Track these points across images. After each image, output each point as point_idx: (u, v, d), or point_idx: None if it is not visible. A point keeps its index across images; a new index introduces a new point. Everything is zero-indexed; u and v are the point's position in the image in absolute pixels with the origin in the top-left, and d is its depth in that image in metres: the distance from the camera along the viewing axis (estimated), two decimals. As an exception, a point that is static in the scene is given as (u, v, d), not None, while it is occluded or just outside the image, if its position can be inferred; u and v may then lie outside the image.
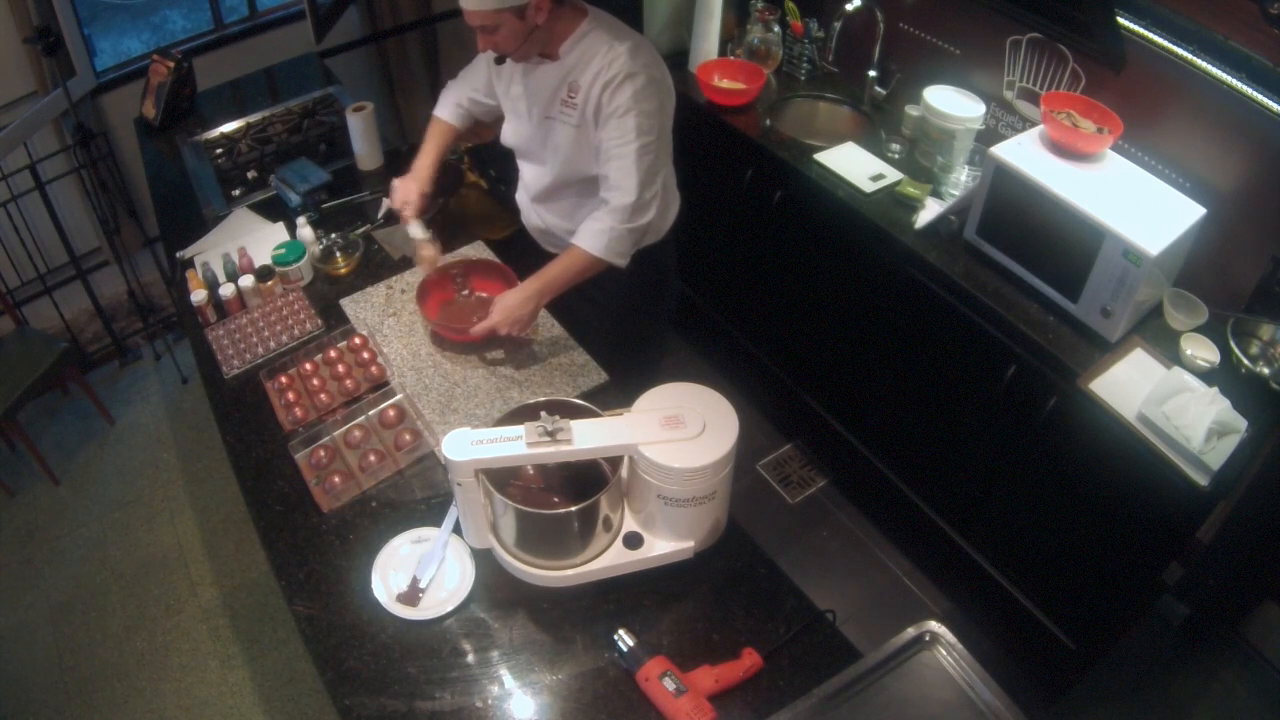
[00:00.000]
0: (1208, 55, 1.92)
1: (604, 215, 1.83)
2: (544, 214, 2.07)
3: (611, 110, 1.76)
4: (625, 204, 1.80)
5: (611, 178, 1.81)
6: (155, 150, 2.69)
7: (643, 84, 1.75)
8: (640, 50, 1.79)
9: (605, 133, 1.78)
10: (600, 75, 1.76)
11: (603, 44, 1.78)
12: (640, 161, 1.78)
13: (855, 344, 2.59)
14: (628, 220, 1.81)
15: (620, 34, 1.80)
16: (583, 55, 1.79)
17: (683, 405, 1.45)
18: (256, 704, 2.41)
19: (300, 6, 3.29)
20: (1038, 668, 2.31)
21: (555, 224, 2.06)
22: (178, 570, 2.74)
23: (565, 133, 1.87)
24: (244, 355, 1.96)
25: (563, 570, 1.46)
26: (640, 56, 1.77)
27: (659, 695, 1.33)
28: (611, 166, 1.80)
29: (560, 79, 1.83)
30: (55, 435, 3.16)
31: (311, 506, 1.66)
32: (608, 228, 1.82)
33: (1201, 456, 1.72)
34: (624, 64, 1.74)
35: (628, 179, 1.78)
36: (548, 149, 1.93)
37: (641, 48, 1.80)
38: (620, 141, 1.77)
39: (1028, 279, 2.08)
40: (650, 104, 1.77)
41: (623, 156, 1.78)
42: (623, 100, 1.74)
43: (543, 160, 1.97)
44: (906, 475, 2.60)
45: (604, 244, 1.82)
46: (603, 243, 1.82)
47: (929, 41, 2.58)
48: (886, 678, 1.31)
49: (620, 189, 1.80)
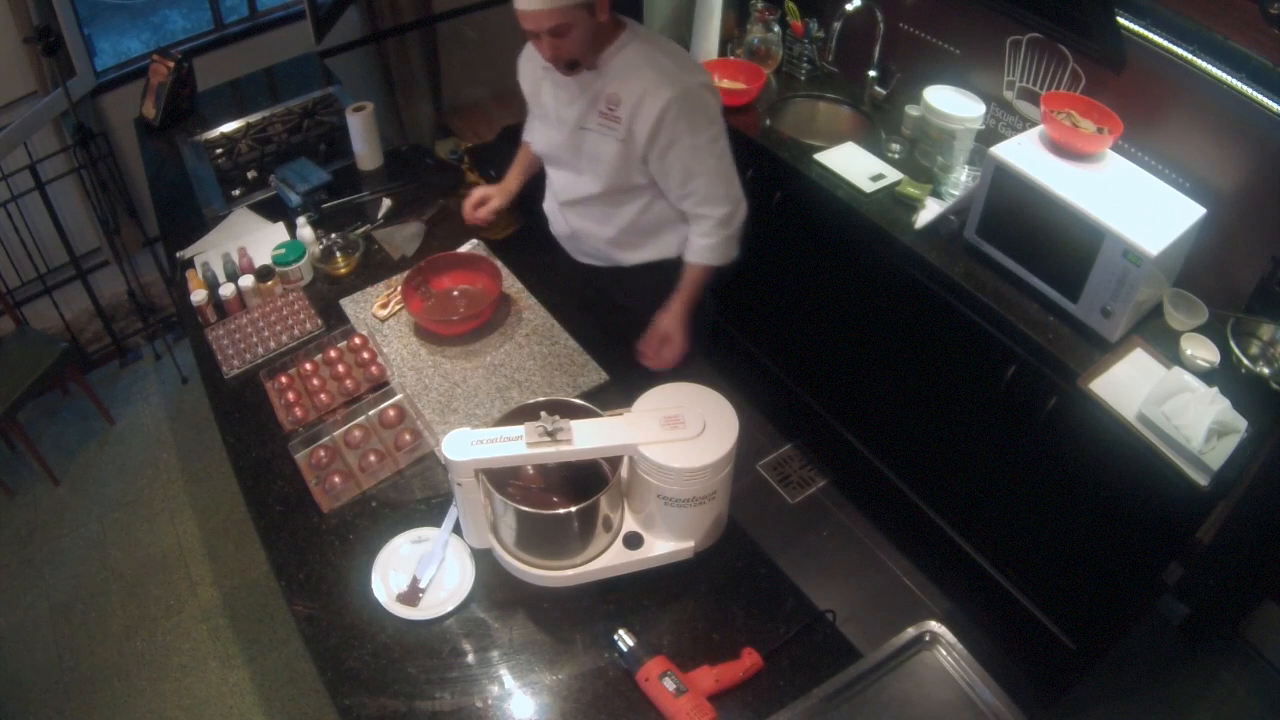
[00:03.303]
0: (1208, 55, 1.92)
1: (710, 229, 1.89)
2: (573, 219, 2.06)
3: (677, 135, 1.77)
4: (723, 212, 1.87)
5: (701, 192, 1.85)
6: (155, 150, 2.69)
7: (697, 96, 1.77)
8: (682, 62, 1.80)
9: (679, 155, 1.80)
10: (650, 98, 1.74)
11: (643, 59, 1.77)
12: (721, 169, 1.84)
13: (855, 344, 2.59)
14: (729, 224, 1.90)
15: (659, 47, 1.80)
16: (622, 68, 1.78)
17: (683, 405, 1.45)
18: (256, 704, 2.41)
19: (300, 6, 3.29)
20: (1038, 668, 2.31)
21: (586, 229, 2.05)
22: (178, 570, 2.74)
23: (608, 146, 1.85)
24: (244, 355, 1.96)
25: (563, 570, 1.46)
26: (684, 65, 1.79)
27: (659, 695, 1.33)
28: (698, 183, 1.84)
29: (598, 89, 1.81)
30: (55, 435, 3.16)
31: (311, 506, 1.66)
32: (719, 240, 1.91)
33: (1201, 456, 1.72)
34: (674, 82, 1.74)
35: (717, 189, 1.85)
36: (583, 158, 1.92)
37: (681, 59, 1.81)
38: (698, 158, 1.80)
39: (1028, 279, 2.08)
40: (710, 110, 1.81)
41: (705, 171, 1.82)
42: (689, 120, 1.76)
43: (577, 169, 1.95)
44: (906, 475, 2.60)
45: (720, 255, 1.93)
46: (718, 255, 1.93)
47: (929, 41, 2.58)
48: (886, 678, 1.31)
49: (713, 200, 1.86)
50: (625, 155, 1.84)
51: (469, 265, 2.10)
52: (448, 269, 2.09)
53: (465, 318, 1.98)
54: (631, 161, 1.85)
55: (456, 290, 2.09)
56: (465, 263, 2.10)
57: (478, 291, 2.07)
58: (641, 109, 1.76)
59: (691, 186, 1.85)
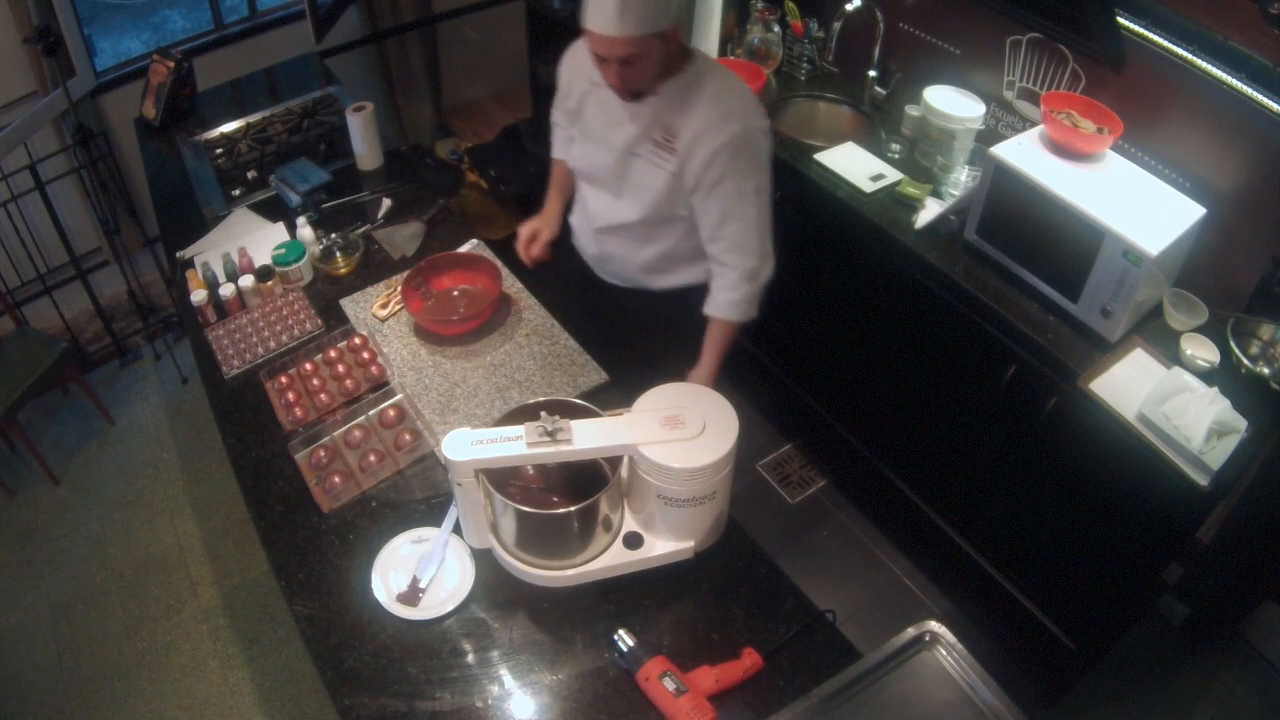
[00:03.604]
0: (1208, 55, 1.92)
1: (735, 281, 1.84)
2: (605, 243, 2.00)
3: (726, 175, 1.73)
4: (751, 265, 1.82)
5: (733, 239, 1.80)
6: (155, 150, 2.69)
7: (755, 141, 1.74)
8: (746, 101, 1.76)
9: (723, 196, 1.76)
10: (709, 134, 1.70)
11: (708, 93, 1.72)
12: (759, 220, 1.80)
13: (855, 344, 2.59)
14: (755, 278, 1.85)
15: (725, 82, 1.75)
16: (684, 99, 1.72)
17: (683, 405, 1.45)
18: (256, 704, 2.41)
19: (300, 6, 3.29)
20: (1038, 668, 2.31)
21: (618, 254, 2.00)
22: (178, 570, 2.74)
23: (657, 176, 1.80)
24: (244, 355, 1.96)
25: (563, 570, 1.46)
26: (748, 106, 1.75)
27: (659, 695, 1.33)
28: (732, 229, 1.79)
29: (652, 117, 1.75)
30: (55, 435, 3.16)
31: (311, 506, 1.66)
32: (744, 295, 1.85)
33: (1201, 456, 1.72)
34: (737, 122, 1.70)
35: (750, 240, 1.80)
36: (627, 184, 1.86)
37: (745, 98, 1.76)
38: (740, 203, 1.76)
39: (1028, 279, 2.08)
40: (762, 157, 1.77)
41: (743, 219, 1.78)
42: (738, 165, 1.72)
43: (617, 193, 1.90)
44: (906, 475, 2.60)
45: (742, 311, 1.87)
46: (741, 310, 1.87)
47: (929, 41, 2.58)
48: (886, 678, 1.31)
49: (743, 250, 1.81)
50: (674, 187, 1.79)
51: (469, 265, 2.10)
52: (448, 269, 2.09)
53: (465, 318, 1.98)
54: (679, 194, 1.81)
55: (456, 290, 2.09)
56: (465, 263, 2.11)
57: (478, 291, 2.07)
58: (699, 144, 1.71)
59: (725, 230, 1.80)
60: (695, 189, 1.77)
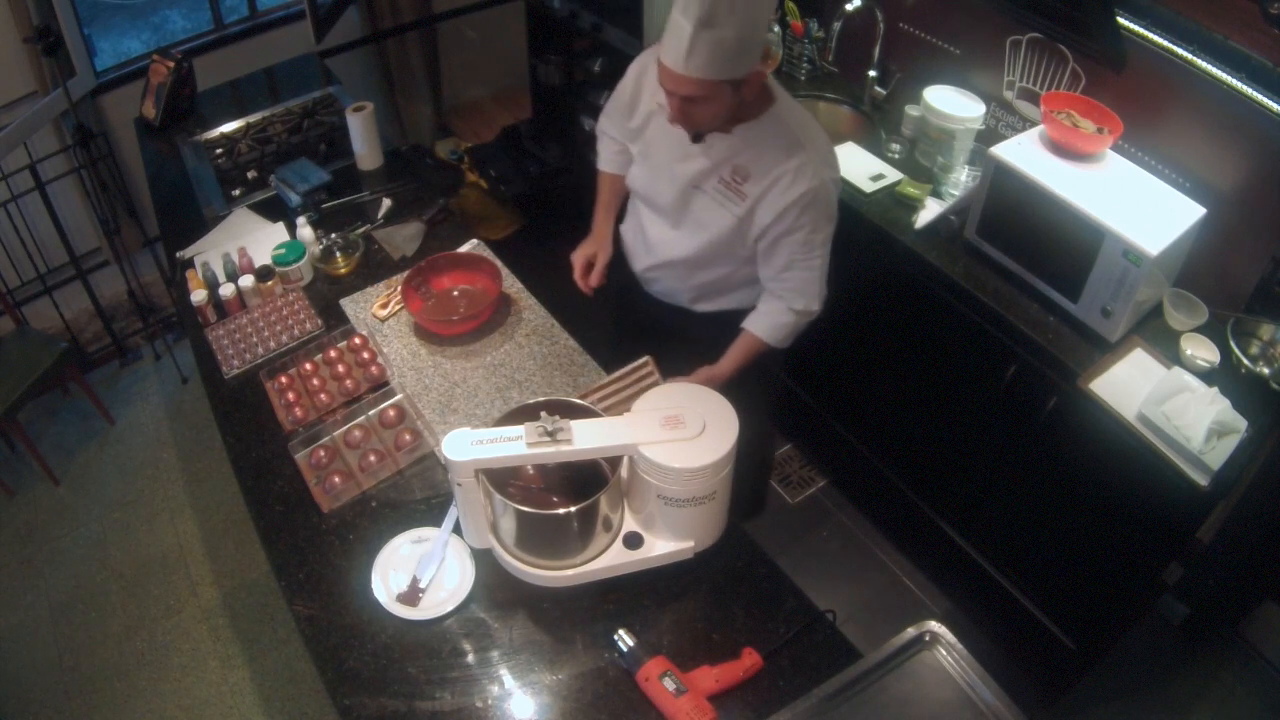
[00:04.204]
0: (1208, 55, 1.92)
1: (784, 312, 1.81)
2: (657, 272, 1.96)
3: (798, 227, 1.69)
4: (811, 310, 1.81)
5: (795, 285, 1.78)
6: (155, 150, 2.69)
7: (828, 194, 1.70)
8: (824, 153, 1.70)
9: (791, 245, 1.72)
10: (785, 183, 1.65)
11: (784, 138, 1.65)
12: (822, 270, 1.77)
13: (855, 344, 2.59)
14: (804, 317, 1.83)
15: (803, 125, 1.69)
16: (757, 140, 1.66)
17: (683, 405, 1.45)
18: (256, 704, 2.41)
19: (300, 6, 3.29)
20: (1038, 668, 2.31)
21: (667, 280, 1.96)
22: (178, 570, 2.74)
23: (720, 217, 1.75)
24: (244, 355, 1.96)
25: (563, 570, 1.46)
26: (825, 158, 1.70)
27: (659, 695, 1.33)
28: (796, 275, 1.77)
29: (725, 155, 1.70)
30: (55, 435, 3.16)
31: (311, 506, 1.66)
32: (790, 325, 1.83)
33: (1201, 456, 1.72)
34: (813, 175, 1.64)
35: (811, 286, 1.78)
36: (688, 218, 1.81)
37: (824, 146, 1.71)
38: (807, 254, 1.74)
39: (1028, 279, 2.08)
40: (834, 209, 1.73)
41: (810, 269, 1.76)
42: (811, 218, 1.68)
43: (676, 225, 1.84)
44: (906, 475, 2.60)
45: (782, 336, 1.85)
46: (781, 335, 1.84)
47: (929, 41, 2.58)
48: (886, 678, 1.31)
49: (804, 295, 1.79)
50: (738, 230, 1.75)
51: (469, 265, 2.10)
52: (448, 269, 2.09)
53: (465, 318, 1.98)
54: (743, 238, 1.76)
55: (456, 290, 2.09)
56: (465, 263, 2.11)
57: (478, 291, 2.07)
58: (772, 193, 1.66)
59: (788, 275, 1.77)
60: (762, 237, 1.74)
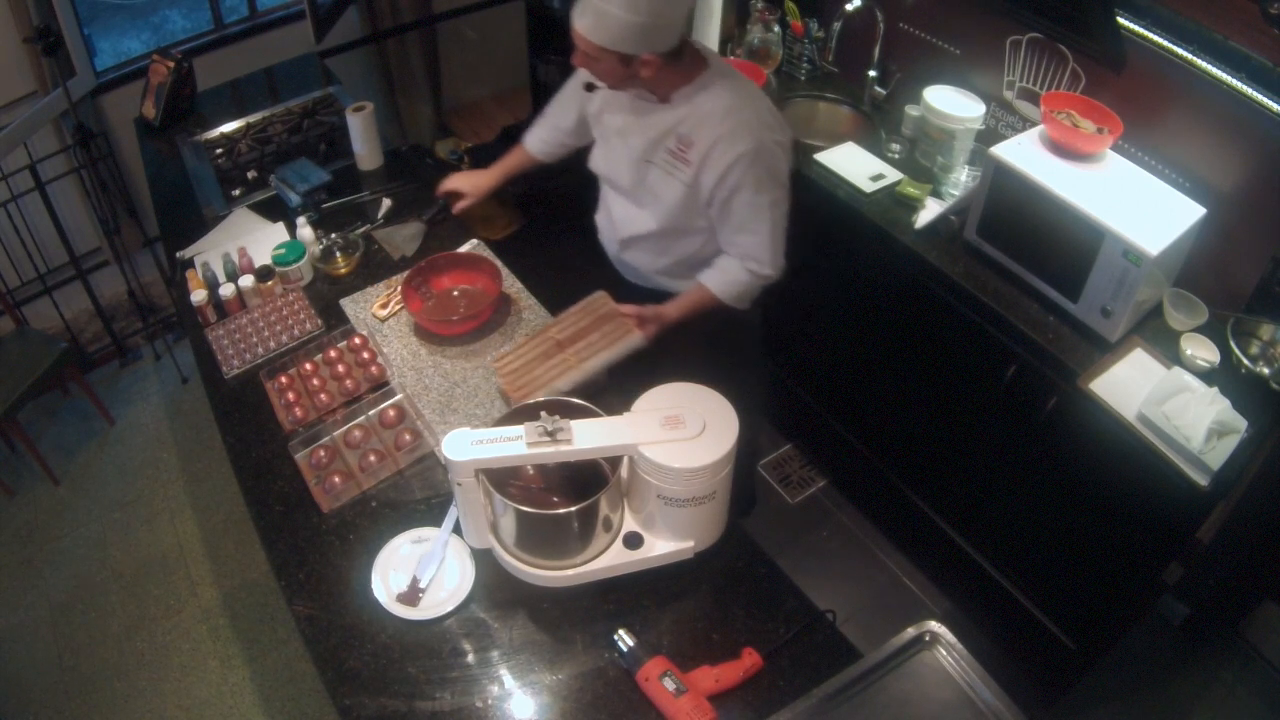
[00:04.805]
0: (1208, 55, 1.92)
1: (740, 269, 1.84)
2: (628, 249, 2.01)
3: (742, 187, 1.72)
4: (762, 273, 1.83)
5: (746, 247, 1.81)
6: (155, 150, 2.68)
7: (772, 154, 1.73)
8: (763, 112, 1.74)
9: (737, 208, 1.76)
10: (723, 145, 1.69)
11: (722, 103, 1.71)
12: (773, 234, 1.80)
13: (855, 344, 2.59)
14: (762, 279, 1.85)
15: (741, 90, 1.74)
16: (698, 110, 1.72)
17: (683, 405, 1.45)
18: (256, 704, 2.41)
19: (300, 6, 3.29)
20: (1038, 668, 2.31)
21: (641, 262, 2.01)
22: (178, 570, 2.74)
23: (671, 187, 1.80)
24: (244, 355, 1.96)
25: (563, 570, 1.46)
26: (764, 119, 1.73)
27: (659, 695, 1.33)
28: (746, 239, 1.80)
29: (669, 126, 1.76)
30: (55, 435, 3.16)
31: (311, 506, 1.66)
32: (744, 284, 1.85)
33: (1201, 456, 1.72)
34: (752, 135, 1.69)
35: (763, 250, 1.81)
36: (644, 192, 1.87)
37: (764, 108, 1.75)
38: (754, 218, 1.77)
39: (1028, 279, 2.08)
40: (780, 171, 1.76)
41: (757, 232, 1.78)
42: (755, 176, 1.71)
43: (638, 202, 1.90)
44: (906, 475, 2.60)
45: (735, 294, 1.86)
46: (734, 293, 1.86)
47: (929, 41, 2.58)
48: (886, 678, 1.31)
49: (756, 259, 1.82)
50: (689, 199, 1.80)
51: (469, 265, 2.10)
52: (448, 269, 2.09)
53: (465, 318, 1.98)
54: (695, 205, 1.81)
55: (456, 290, 2.09)
56: (465, 263, 2.10)
57: (478, 291, 2.07)
58: (712, 156, 1.71)
59: (739, 239, 1.81)
60: (711, 202, 1.78)
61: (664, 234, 1.89)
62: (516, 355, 1.83)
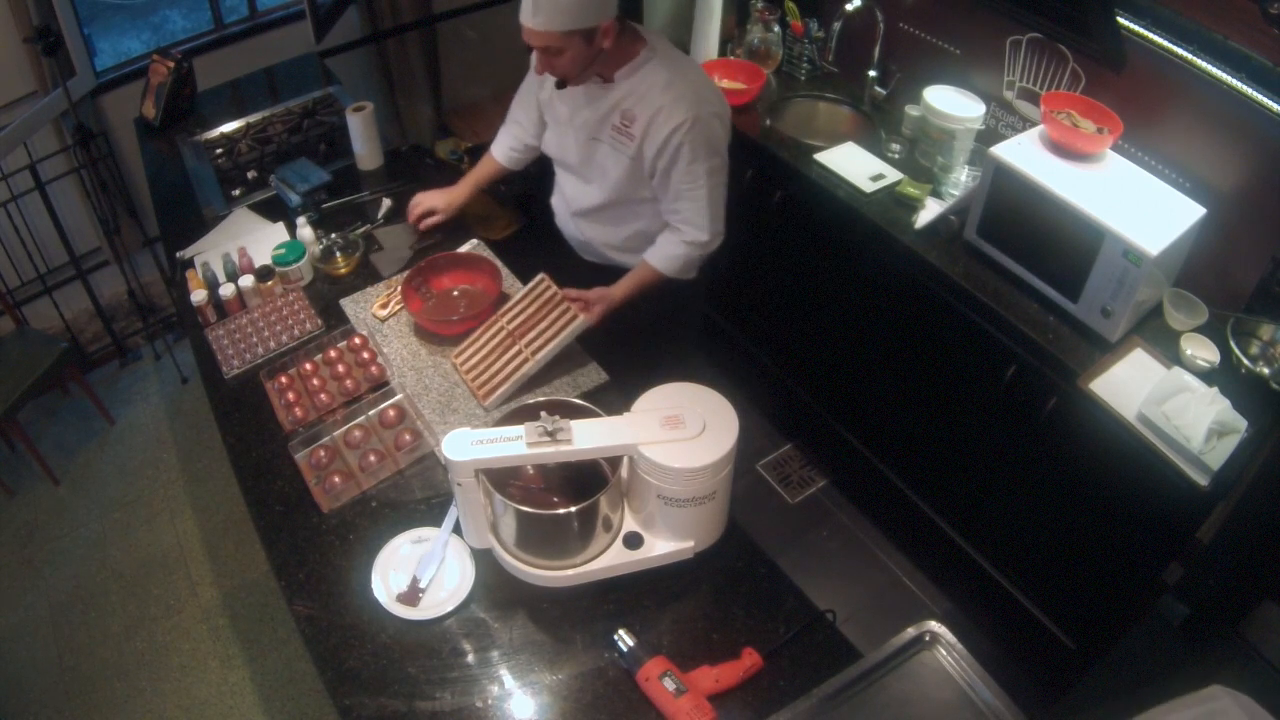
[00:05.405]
0: (1208, 55, 1.92)
1: (679, 243, 1.93)
2: (584, 227, 2.10)
3: (679, 156, 1.80)
4: (698, 238, 1.91)
5: (685, 214, 1.90)
6: (155, 150, 2.69)
7: (708, 125, 1.80)
8: (700, 86, 1.82)
9: (675, 176, 1.84)
10: (663, 118, 1.78)
11: (661, 78, 1.79)
12: (710, 199, 1.88)
13: (855, 344, 2.59)
14: (698, 248, 1.94)
15: (678, 66, 1.83)
16: (639, 85, 1.81)
17: (683, 405, 1.45)
18: (256, 704, 2.41)
19: (300, 6, 3.28)
20: (1038, 668, 2.31)
21: (596, 237, 2.10)
22: (178, 570, 2.74)
23: (617, 161, 1.90)
24: (244, 355, 1.96)
25: (563, 570, 1.46)
26: (701, 93, 1.81)
27: (659, 695, 1.33)
28: (684, 205, 1.89)
29: (613, 104, 1.85)
30: (55, 435, 3.16)
31: (311, 506, 1.66)
32: (684, 255, 1.94)
33: (1201, 456, 1.72)
34: (689, 108, 1.77)
35: (700, 217, 1.89)
36: (593, 169, 1.96)
37: (700, 83, 1.84)
38: (691, 185, 1.85)
39: (1028, 279, 2.08)
40: (716, 141, 1.84)
41: (695, 199, 1.87)
42: (691, 146, 1.79)
43: (587, 179, 2.00)
44: (906, 475, 2.60)
45: (677, 267, 1.96)
46: (676, 266, 1.96)
47: (929, 41, 2.58)
48: (886, 678, 1.31)
49: (694, 226, 1.90)
50: (634, 171, 1.89)
51: (469, 265, 2.10)
52: (448, 269, 2.09)
53: (465, 318, 1.98)
54: (640, 177, 1.90)
55: (456, 290, 2.09)
56: (465, 263, 2.11)
57: (478, 291, 2.07)
58: (653, 128, 1.79)
59: (678, 206, 1.90)
60: (653, 173, 1.86)
61: (612, 205, 1.98)
62: (474, 350, 1.89)
